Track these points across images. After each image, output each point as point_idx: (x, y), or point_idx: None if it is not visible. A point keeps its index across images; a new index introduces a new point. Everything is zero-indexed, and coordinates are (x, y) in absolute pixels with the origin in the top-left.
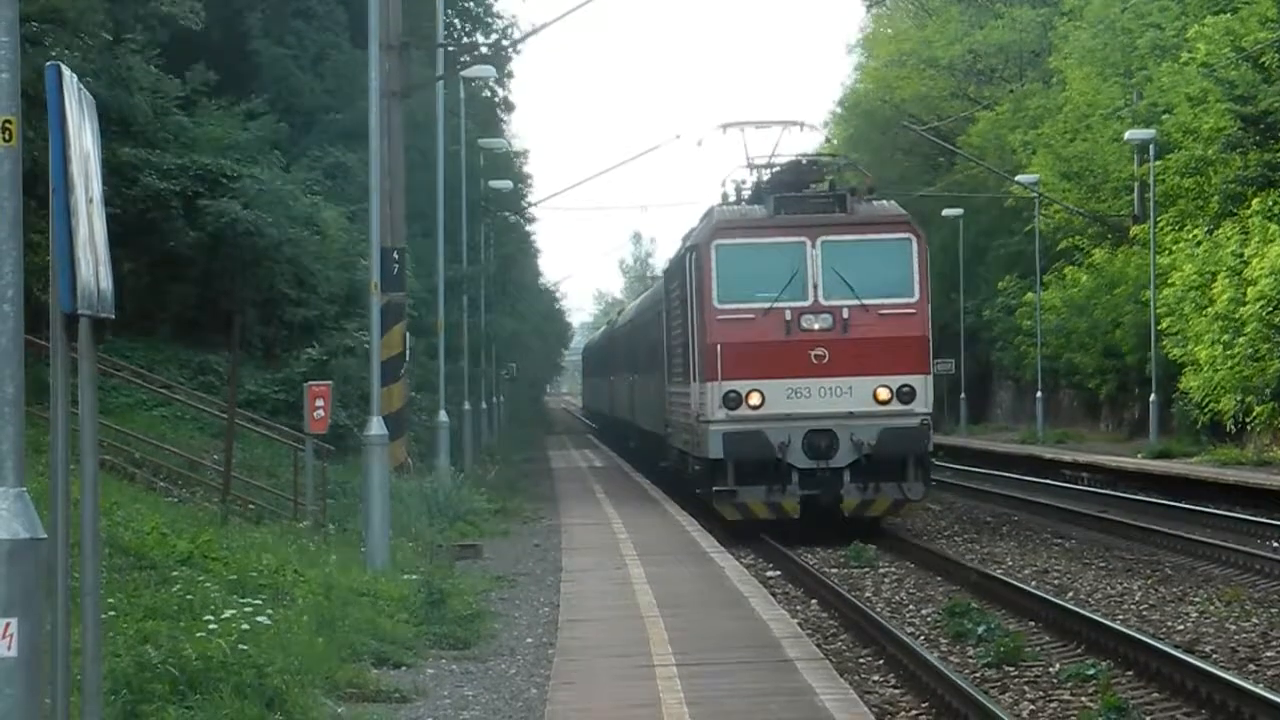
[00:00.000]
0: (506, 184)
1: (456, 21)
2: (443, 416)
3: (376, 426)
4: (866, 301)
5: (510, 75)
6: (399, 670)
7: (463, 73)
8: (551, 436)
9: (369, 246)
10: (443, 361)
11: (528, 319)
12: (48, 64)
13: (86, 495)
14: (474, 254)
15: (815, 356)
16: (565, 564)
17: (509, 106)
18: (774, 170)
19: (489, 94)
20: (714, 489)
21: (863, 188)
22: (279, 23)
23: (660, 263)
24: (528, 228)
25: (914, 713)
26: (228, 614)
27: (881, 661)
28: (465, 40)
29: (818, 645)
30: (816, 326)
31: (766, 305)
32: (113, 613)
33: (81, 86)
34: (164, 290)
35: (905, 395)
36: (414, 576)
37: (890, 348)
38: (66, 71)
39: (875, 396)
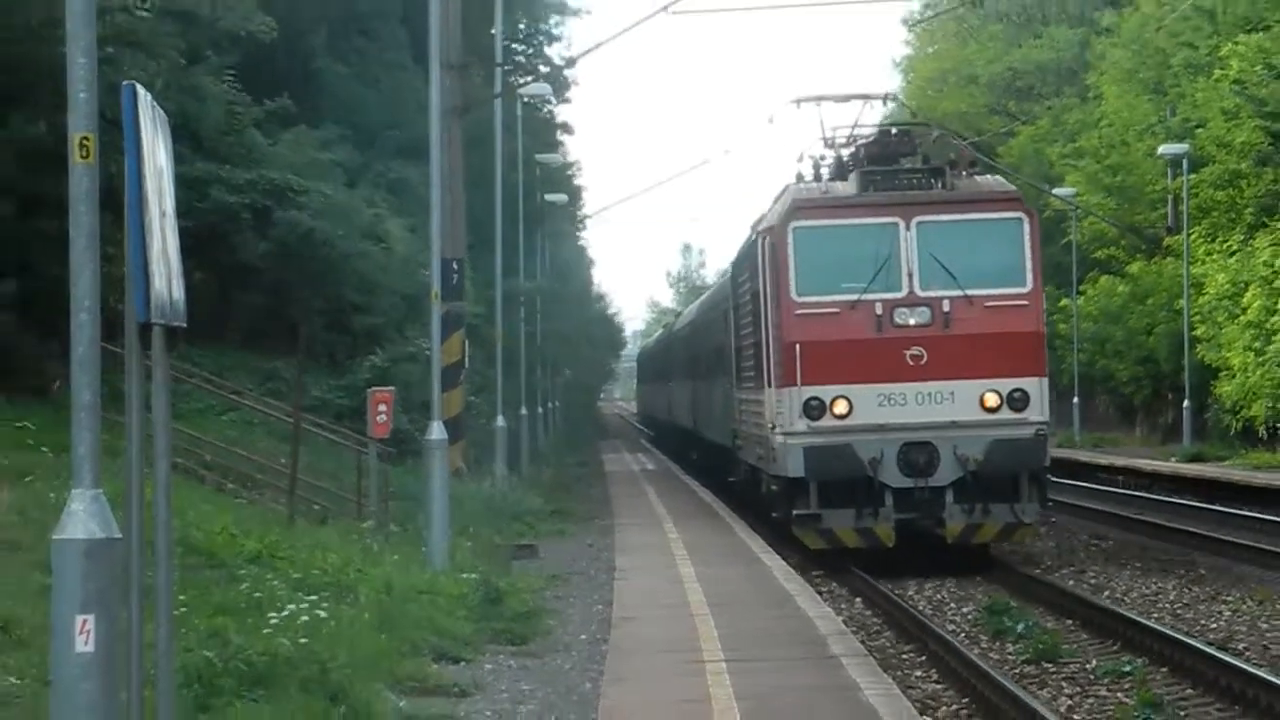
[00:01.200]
0: (562, 197)
1: (516, 41)
2: (500, 421)
3: (437, 431)
4: (971, 292)
5: (568, 100)
6: (458, 665)
7: (520, 90)
8: (605, 441)
9: (430, 257)
10: (500, 368)
11: (581, 325)
12: (124, 83)
13: (160, 497)
14: (530, 264)
15: (911, 357)
16: (618, 563)
17: (568, 130)
18: (858, 144)
19: (547, 115)
20: (794, 513)
21: (963, 160)
22: (342, 41)
23: (711, 274)
24: (580, 239)
25: (955, 707)
26: (290, 609)
27: (923, 658)
28: (523, 60)
29: (861, 642)
30: (913, 321)
31: (854, 297)
32: (184, 609)
33: (155, 104)
34: (233, 300)
35: (1017, 401)
36: (472, 575)
37: (999, 345)
38: (141, 90)
39: (982, 403)
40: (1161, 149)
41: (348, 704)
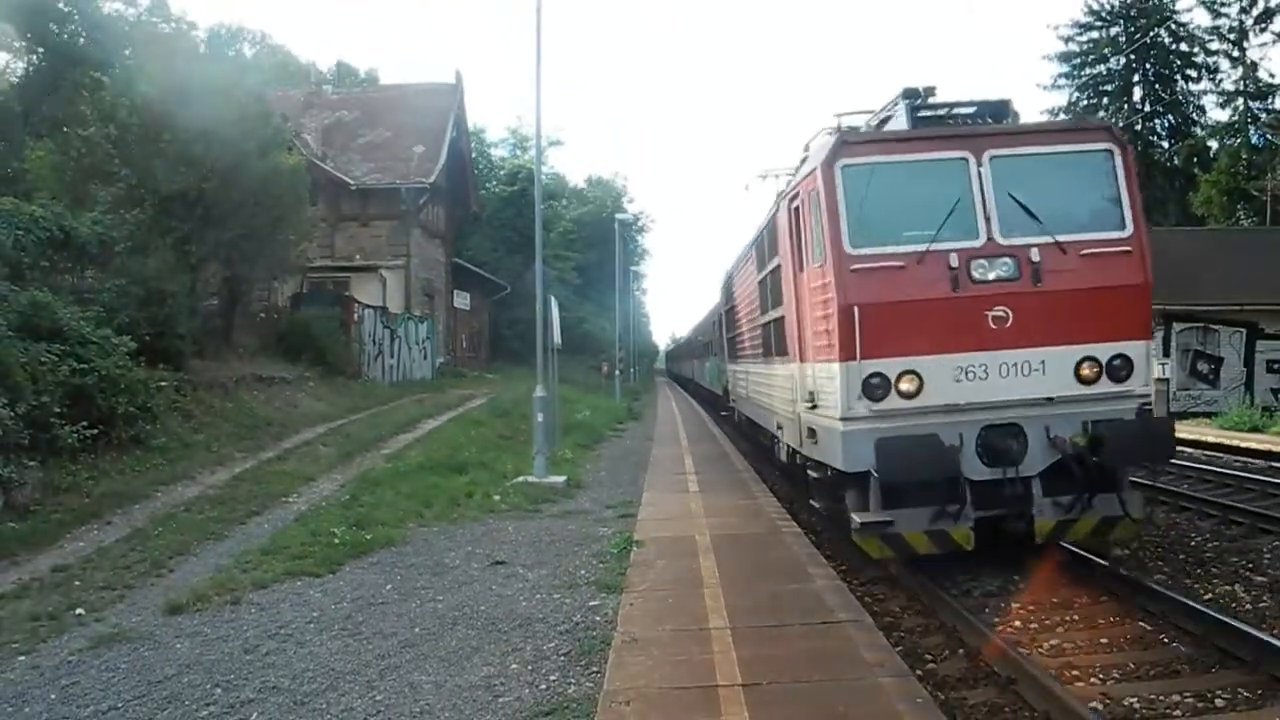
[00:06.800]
0: (646, 312)
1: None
2: (631, 372)
3: (616, 376)
4: (1062, 238)
5: (645, 289)
6: (623, 425)
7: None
8: (655, 378)
9: (615, 334)
10: (630, 360)
11: (644, 348)
12: (549, 295)
13: (554, 388)
14: (632, 327)
15: (994, 319)
16: (659, 407)
17: (642, 276)
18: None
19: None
20: (858, 521)
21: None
22: (593, 275)
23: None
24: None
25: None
26: (583, 413)
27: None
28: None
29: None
30: (993, 276)
31: (921, 248)
32: (564, 416)
33: (555, 300)
34: (570, 343)
35: (1118, 370)
36: (625, 404)
37: (1099, 302)
38: (553, 297)
39: (1078, 373)
40: None
41: (597, 433)
